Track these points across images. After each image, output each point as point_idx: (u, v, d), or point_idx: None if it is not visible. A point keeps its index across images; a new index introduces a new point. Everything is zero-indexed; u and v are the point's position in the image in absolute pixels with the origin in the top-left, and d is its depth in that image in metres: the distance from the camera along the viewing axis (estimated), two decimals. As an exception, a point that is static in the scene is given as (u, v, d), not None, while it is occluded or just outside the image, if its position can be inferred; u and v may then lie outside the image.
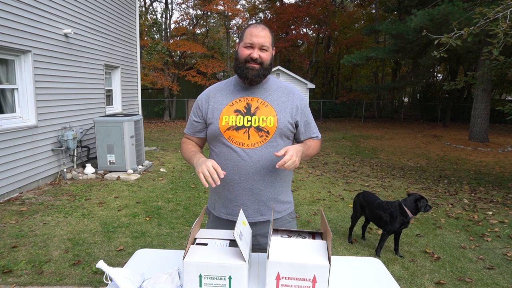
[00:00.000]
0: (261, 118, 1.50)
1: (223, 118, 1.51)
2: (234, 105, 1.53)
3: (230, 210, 1.55)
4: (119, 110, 8.30)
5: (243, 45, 1.50)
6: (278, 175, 1.54)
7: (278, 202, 1.58)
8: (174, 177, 6.35)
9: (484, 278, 3.04)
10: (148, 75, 19.66)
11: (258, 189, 1.51)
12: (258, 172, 1.49)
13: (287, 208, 1.63)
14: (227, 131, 1.50)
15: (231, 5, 20.66)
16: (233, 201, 1.54)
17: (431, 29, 10.01)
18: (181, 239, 3.67)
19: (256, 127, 1.49)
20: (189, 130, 1.66)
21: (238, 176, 1.49)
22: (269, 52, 1.51)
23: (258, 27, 1.49)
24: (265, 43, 1.47)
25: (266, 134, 1.49)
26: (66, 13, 6.02)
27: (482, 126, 12.53)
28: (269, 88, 1.58)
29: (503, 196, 5.88)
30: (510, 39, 4.88)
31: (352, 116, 23.91)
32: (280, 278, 1.09)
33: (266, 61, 1.50)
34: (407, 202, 3.32)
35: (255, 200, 1.53)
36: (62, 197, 4.94)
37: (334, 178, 6.72)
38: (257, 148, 1.48)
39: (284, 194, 1.61)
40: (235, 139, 1.49)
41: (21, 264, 3.01)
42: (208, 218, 1.73)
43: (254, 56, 1.47)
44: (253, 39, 1.46)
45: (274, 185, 1.54)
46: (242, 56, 1.49)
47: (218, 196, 1.60)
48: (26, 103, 5.27)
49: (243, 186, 1.51)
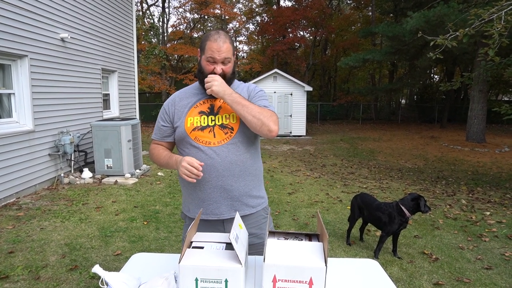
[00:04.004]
0: (224, 115, 1.54)
1: (188, 120, 1.55)
2: (198, 107, 1.58)
3: (204, 209, 1.57)
4: (116, 114, 8.29)
5: (205, 59, 1.51)
6: (247, 170, 1.56)
7: (250, 196, 1.60)
8: (172, 181, 6.34)
9: (482, 279, 3.04)
10: (146, 79, 19.67)
11: (229, 185, 1.53)
12: (227, 168, 1.52)
13: (261, 202, 1.65)
14: (192, 131, 1.53)
15: (228, 9, 20.75)
16: (206, 200, 1.56)
17: (427, 31, 10.05)
18: (179, 243, 3.65)
19: (220, 125, 1.53)
20: (157, 135, 1.68)
21: (208, 174, 1.51)
22: (231, 62, 1.55)
23: (219, 41, 1.47)
24: (227, 55, 1.50)
25: (230, 130, 1.53)
26: (62, 17, 6.02)
27: (479, 127, 12.57)
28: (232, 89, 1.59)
29: (500, 196, 5.89)
30: (505, 40, 4.91)
31: (350, 118, 23.96)
32: (276, 281, 1.08)
33: (229, 73, 1.55)
34: (405, 201, 3.32)
35: (227, 196, 1.55)
36: (59, 202, 4.92)
37: (332, 180, 6.72)
38: (223, 145, 1.51)
39: (256, 189, 1.63)
40: (201, 138, 1.52)
41: (18, 269, 2.99)
42: (184, 223, 1.74)
43: (218, 71, 1.51)
44: (214, 55, 1.48)
45: (245, 180, 1.56)
46: (205, 70, 1.52)
47: (191, 198, 1.61)
48: (23, 107, 5.26)
49: (213, 184, 1.53)
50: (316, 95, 26.15)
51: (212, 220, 1.57)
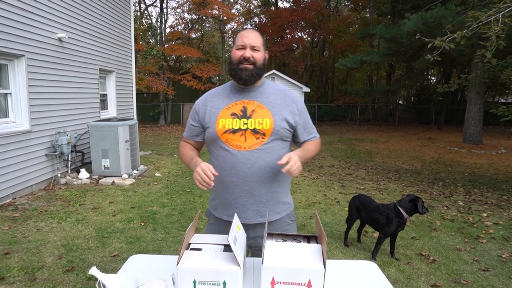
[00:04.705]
0: (257, 120, 1.51)
1: (220, 122, 1.53)
2: (230, 108, 1.55)
3: (231, 212, 1.57)
4: (114, 114, 8.26)
5: (236, 48, 1.54)
6: (276, 176, 1.55)
7: (277, 202, 1.59)
8: (169, 181, 6.32)
9: (479, 280, 3.04)
10: (143, 80, 19.61)
11: (256, 190, 1.53)
12: (256, 173, 1.51)
13: (286, 208, 1.64)
14: (224, 134, 1.52)
15: (226, 10, 20.73)
16: (233, 203, 1.55)
17: (424, 33, 10.08)
18: (176, 244, 3.64)
19: (253, 130, 1.51)
20: (187, 133, 1.70)
21: (236, 178, 1.51)
22: (261, 53, 1.55)
23: (248, 30, 1.56)
24: (255, 43, 1.52)
25: (262, 136, 1.51)
26: (60, 17, 6.00)
27: (475, 129, 12.62)
28: (265, 91, 1.59)
29: (497, 197, 5.91)
30: (503, 42, 4.93)
31: (347, 119, 24.00)
32: (275, 283, 1.08)
33: (259, 61, 1.53)
34: (402, 202, 3.33)
35: (254, 201, 1.54)
36: (56, 202, 4.89)
37: (330, 182, 6.72)
38: (254, 150, 1.50)
39: (283, 195, 1.63)
40: (232, 141, 1.51)
41: (14, 271, 2.97)
42: (208, 221, 1.73)
43: (247, 55, 1.50)
44: (244, 40, 1.51)
45: (273, 186, 1.55)
46: (235, 57, 1.53)
47: (219, 199, 1.61)
48: (20, 107, 5.23)
49: (241, 188, 1.52)
50: (313, 96, 26.18)
51: None
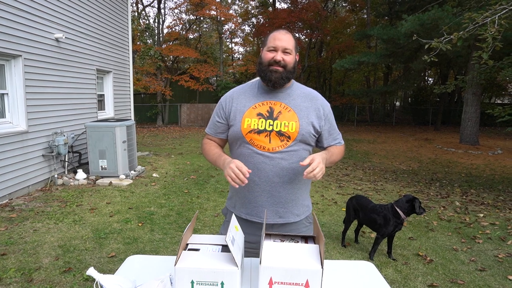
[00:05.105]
0: (283, 123, 1.50)
1: (246, 121, 1.52)
2: (257, 108, 1.54)
3: (249, 210, 1.57)
4: (111, 115, 8.24)
5: (267, 49, 1.51)
6: (297, 179, 1.54)
7: (297, 205, 1.59)
8: (167, 182, 6.32)
9: (476, 280, 3.06)
10: (141, 80, 19.59)
11: (277, 191, 1.53)
12: (277, 175, 1.51)
13: (305, 211, 1.64)
14: (248, 133, 1.51)
15: (223, 10, 20.72)
16: (252, 202, 1.55)
17: (421, 34, 10.12)
18: (174, 245, 3.64)
19: (278, 132, 1.50)
20: (211, 130, 1.66)
21: (258, 178, 1.51)
22: (293, 56, 1.52)
23: (281, 31, 1.51)
24: (288, 46, 1.48)
25: (287, 139, 1.50)
26: (57, 17, 5.98)
27: (472, 129, 12.68)
28: (293, 93, 1.58)
29: (493, 198, 5.94)
30: (499, 43, 4.97)
31: (345, 120, 24.04)
32: (273, 283, 1.08)
33: (290, 64, 1.50)
34: (399, 203, 3.34)
35: (273, 202, 1.54)
36: (53, 203, 4.87)
37: (327, 182, 6.73)
38: (277, 152, 1.50)
39: (303, 197, 1.62)
40: (256, 142, 1.50)
41: (10, 272, 2.95)
42: (224, 218, 1.73)
43: (278, 58, 1.48)
44: (276, 42, 1.48)
45: (293, 188, 1.55)
46: (266, 59, 1.50)
47: (238, 196, 1.61)
48: (16, 108, 5.21)
49: (262, 188, 1.52)
50: (311, 97, 26.13)
51: (255, 222, 1.57)
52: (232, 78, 27.49)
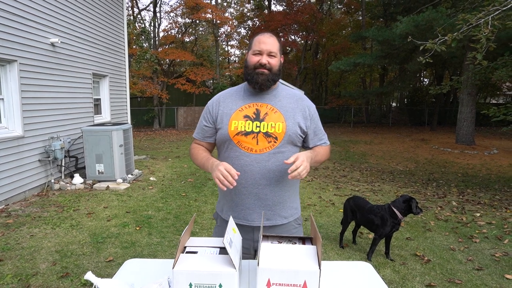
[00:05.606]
0: (270, 124, 1.52)
1: (233, 123, 1.53)
2: (243, 110, 1.55)
3: (236, 213, 1.57)
4: (107, 119, 8.23)
5: (252, 53, 1.54)
6: (284, 181, 1.55)
7: (284, 207, 1.59)
8: (164, 185, 6.30)
9: (473, 279, 3.07)
10: (137, 84, 19.53)
11: (264, 194, 1.53)
12: (265, 177, 1.51)
13: (293, 213, 1.64)
14: (236, 136, 1.52)
15: (219, 13, 20.76)
16: (240, 205, 1.56)
17: (416, 35, 10.20)
18: (172, 248, 3.63)
19: (265, 133, 1.51)
20: (199, 134, 1.67)
21: (245, 180, 1.51)
22: (277, 59, 1.55)
23: (266, 35, 1.54)
24: (272, 49, 1.51)
25: (274, 140, 1.51)
26: (53, 22, 5.97)
27: (468, 129, 12.76)
28: (279, 95, 1.60)
29: (490, 197, 5.98)
30: (493, 44, 5.01)
31: (341, 121, 24.11)
32: (270, 285, 1.08)
33: (275, 67, 1.53)
34: (397, 203, 3.35)
35: (261, 204, 1.54)
36: (49, 208, 4.85)
37: (325, 184, 6.75)
38: (265, 154, 1.50)
39: (291, 200, 1.63)
40: (244, 144, 1.51)
41: (7, 278, 2.94)
42: (216, 223, 1.73)
43: (263, 61, 1.50)
44: (261, 46, 1.51)
45: (281, 190, 1.56)
46: (252, 62, 1.53)
47: (225, 200, 1.62)
48: (12, 113, 5.19)
49: (249, 190, 1.53)
50: (307, 99, 26.19)
51: (243, 225, 1.57)
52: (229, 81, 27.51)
